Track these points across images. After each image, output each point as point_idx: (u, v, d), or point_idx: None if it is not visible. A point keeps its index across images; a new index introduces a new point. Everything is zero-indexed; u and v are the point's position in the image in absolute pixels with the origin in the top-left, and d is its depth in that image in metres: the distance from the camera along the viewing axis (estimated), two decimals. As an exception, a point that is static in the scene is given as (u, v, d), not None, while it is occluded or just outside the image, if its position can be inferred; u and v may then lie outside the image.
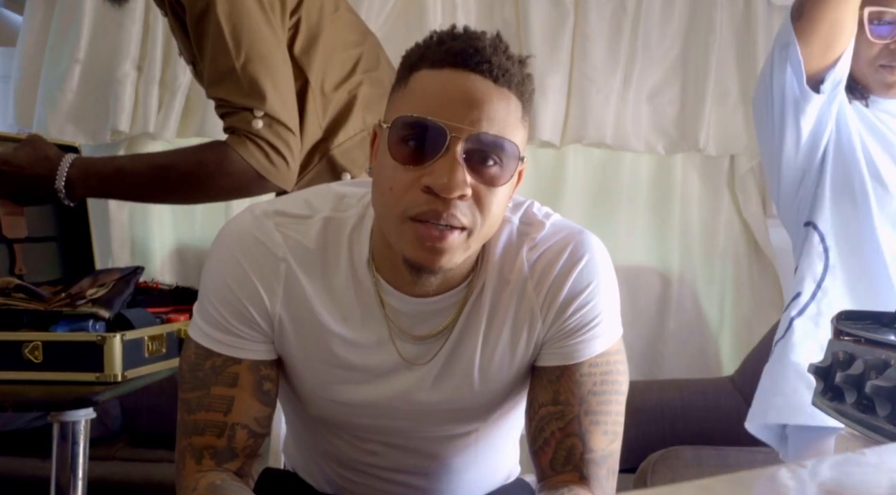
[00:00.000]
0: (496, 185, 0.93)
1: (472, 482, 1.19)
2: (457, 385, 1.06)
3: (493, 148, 0.92)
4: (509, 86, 0.93)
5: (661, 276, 2.88)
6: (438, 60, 0.92)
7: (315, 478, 1.21)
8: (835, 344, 1.18)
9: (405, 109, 0.93)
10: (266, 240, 1.02)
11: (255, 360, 1.04)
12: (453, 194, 0.90)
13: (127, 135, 2.76)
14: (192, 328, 1.07)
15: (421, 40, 0.97)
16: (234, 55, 1.40)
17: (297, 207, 1.05)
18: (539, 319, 1.04)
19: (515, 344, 1.05)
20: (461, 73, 0.91)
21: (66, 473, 1.34)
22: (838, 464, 0.69)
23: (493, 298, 1.04)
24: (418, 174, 0.91)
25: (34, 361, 1.38)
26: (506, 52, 0.95)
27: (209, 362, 1.04)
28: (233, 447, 1.04)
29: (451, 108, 0.90)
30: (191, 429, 1.04)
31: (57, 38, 2.78)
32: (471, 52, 0.91)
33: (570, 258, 1.04)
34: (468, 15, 2.76)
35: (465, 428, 1.12)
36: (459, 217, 0.92)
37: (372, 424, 1.10)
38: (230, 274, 1.03)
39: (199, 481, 1.01)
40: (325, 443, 1.15)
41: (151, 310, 1.56)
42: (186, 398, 1.05)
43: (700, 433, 2.55)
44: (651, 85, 2.82)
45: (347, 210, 1.05)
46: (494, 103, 0.91)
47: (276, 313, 1.03)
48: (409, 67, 0.95)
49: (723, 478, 0.54)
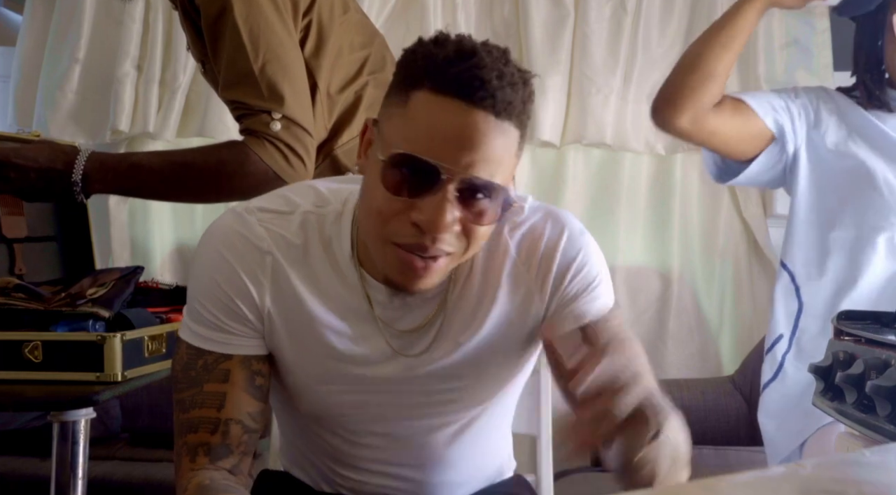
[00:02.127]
0: (483, 223, 0.95)
1: (467, 471, 1.20)
2: (448, 372, 1.07)
3: (484, 190, 0.93)
4: (510, 118, 0.92)
5: (661, 276, 2.88)
6: (442, 86, 0.91)
7: (315, 480, 1.21)
8: (835, 344, 1.18)
9: (402, 134, 0.93)
10: (250, 235, 1.04)
11: (246, 355, 1.06)
12: (440, 233, 0.93)
13: (127, 134, 2.76)
14: (183, 329, 1.08)
15: (425, 41, 0.95)
16: (252, 58, 1.40)
17: (278, 203, 1.07)
18: (535, 294, 1.06)
19: (509, 323, 1.07)
20: (463, 106, 0.90)
21: (67, 473, 1.34)
22: (838, 464, 0.69)
23: (482, 282, 1.06)
24: (407, 205, 0.93)
25: (34, 361, 1.38)
26: (511, 80, 0.92)
27: (201, 361, 1.05)
28: (227, 443, 1.04)
29: (448, 145, 0.91)
30: (185, 428, 1.05)
31: (57, 38, 2.79)
32: (477, 84, 0.90)
33: (554, 231, 1.06)
34: (468, 15, 2.76)
35: (459, 415, 1.12)
36: (445, 248, 0.95)
37: (365, 415, 1.10)
38: (217, 270, 1.04)
39: (190, 481, 1.02)
40: (319, 441, 1.15)
41: (151, 309, 1.56)
42: (181, 398, 1.06)
43: (700, 433, 2.53)
44: (651, 85, 2.81)
45: (326, 206, 1.07)
46: (492, 142, 0.91)
47: (265, 306, 1.04)
48: (409, 81, 0.94)
49: (724, 478, 0.55)
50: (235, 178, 1.43)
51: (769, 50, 2.76)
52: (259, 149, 1.42)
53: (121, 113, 2.72)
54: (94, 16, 2.76)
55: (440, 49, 0.92)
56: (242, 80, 1.42)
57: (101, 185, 1.49)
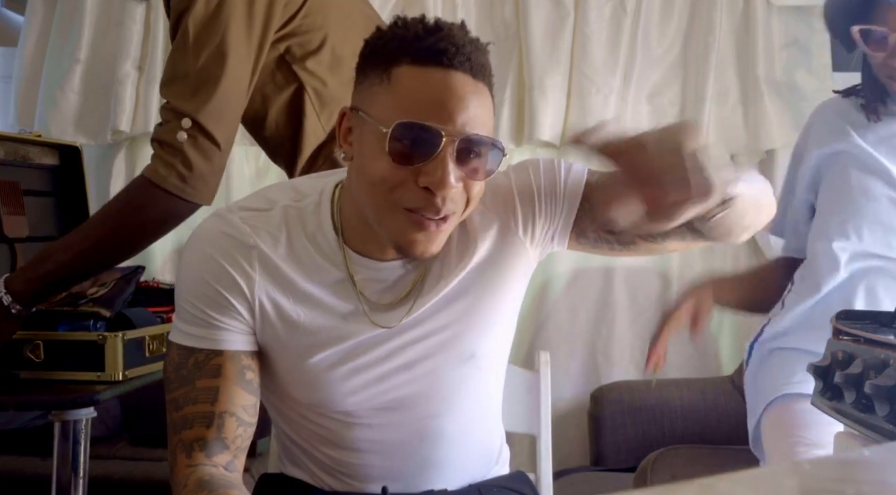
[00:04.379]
0: (480, 178, 1.02)
1: (469, 450, 1.21)
2: (432, 329, 1.11)
3: (480, 146, 1.00)
4: (484, 79, 1.00)
5: (661, 276, 2.88)
6: (421, 57, 0.97)
7: (310, 472, 1.20)
8: (834, 343, 1.18)
9: (394, 107, 0.98)
10: (234, 232, 1.07)
11: (236, 350, 1.08)
12: (448, 191, 0.98)
13: (127, 134, 2.77)
14: (173, 333, 1.10)
15: (386, 27, 1.02)
16: (191, 60, 1.38)
17: (258, 203, 1.11)
18: (510, 222, 1.12)
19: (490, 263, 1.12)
20: (445, 71, 0.97)
21: (68, 472, 1.34)
22: (838, 464, 0.69)
23: (458, 240, 1.11)
24: (412, 172, 0.98)
25: (35, 360, 1.38)
26: (477, 45, 1.01)
27: (192, 359, 1.07)
28: (223, 437, 1.05)
29: (441, 109, 0.97)
30: (180, 425, 1.06)
31: (58, 39, 2.79)
32: (452, 50, 0.97)
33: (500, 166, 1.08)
34: (468, 15, 2.76)
35: (450, 373, 1.13)
36: (452, 207, 1.00)
37: (356, 388, 1.11)
38: (205, 268, 1.07)
39: (189, 477, 1.02)
40: (315, 428, 1.15)
41: (152, 309, 1.57)
42: (174, 397, 1.08)
43: (700, 432, 2.55)
44: (651, 85, 2.82)
45: (304, 199, 1.11)
46: (476, 101, 0.99)
47: (255, 297, 1.07)
48: (386, 60, 0.99)
49: (723, 478, 0.55)
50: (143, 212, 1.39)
51: (769, 50, 2.76)
52: (152, 174, 1.38)
53: (121, 113, 2.72)
54: (95, 16, 2.76)
55: (407, 29, 1.00)
56: (174, 79, 1.40)
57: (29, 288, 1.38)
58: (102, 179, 2.82)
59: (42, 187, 1.95)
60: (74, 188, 2.02)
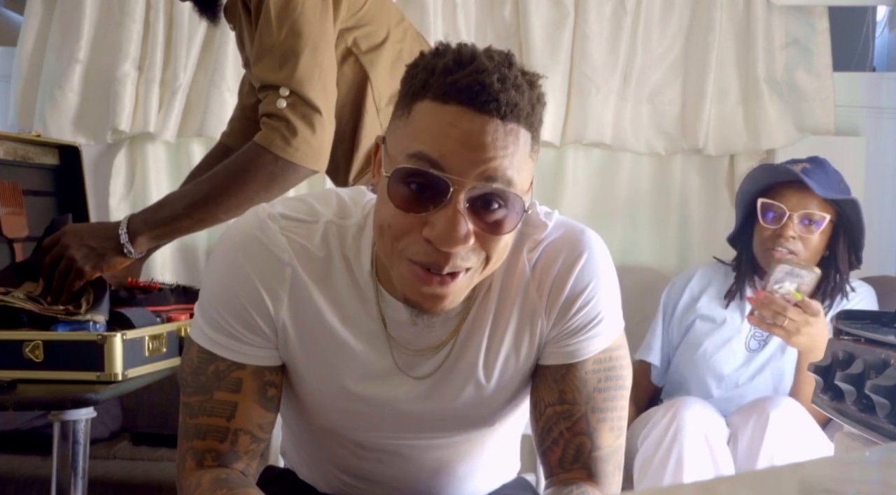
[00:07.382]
0: (500, 234, 0.91)
1: (478, 484, 1.19)
2: (460, 394, 1.05)
3: (497, 198, 0.90)
4: (518, 120, 0.88)
5: (661, 276, 2.87)
6: (443, 94, 0.87)
7: (318, 482, 1.20)
8: (834, 343, 1.18)
9: (405, 147, 0.90)
10: (271, 243, 1.00)
11: (260, 366, 1.03)
12: (454, 248, 0.88)
13: (127, 134, 2.76)
14: (195, 330, 1.05)
15: (425, 54, 0.93)
16: (275, 33, 1.46)
17: (302, 212, 1.03)
18: (542, 319, 1.03)
19: (519, 347, 1.04)
20: (467, 112, 0.86)
21: (67, 472, 1.34)
22: (838, 464, 0.69)
23: (498, 304, 1.03)
24: (418, 221, 0.89)
25: (35, 360, 1.38)
26: (515, 82, 0.88)
27: (212, 366, 1.02)
28: (235, 450, 1.03)
29: (455, 154, 0.87)
30: (193, 433, 1.03)
31: (57, 38, 2.78)
32: (477, 89, 0.86)
33: (569, 256, 1.03)
34: (468, 15, 2.76)
35: (469, 435, 1.11)
36: (461, 263, 0.91)
37: (375, 434, 1.09)
38: (234, 278, 1.01)
39: (202, 477, 1.00)
40: (327, 451, 1.14)
41: (152, 309, 1.56)
42: (189, 402, 1.04)
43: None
44: (651, 85, 2.81)
45: (349, 217, 1.03)
46: (500, 145, 0.87)
47: (280, 319, 1.02)
48: (411, 93, 0.91)
49: (723, 478, 0.55)
50: (249, 173, 1.47)
51: (769, 50, 2.76)
52: (261, 138, 1.46)
53: (121, 113, 2.71)
54: (94, 16, 2.76)
55: (439, 59, 0.90)
56: (263, 55, 1.48)
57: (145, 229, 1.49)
58: (102, 179, 2.82)
59: (41, 187, 1.95)
60: (74, 188, 2.02)
